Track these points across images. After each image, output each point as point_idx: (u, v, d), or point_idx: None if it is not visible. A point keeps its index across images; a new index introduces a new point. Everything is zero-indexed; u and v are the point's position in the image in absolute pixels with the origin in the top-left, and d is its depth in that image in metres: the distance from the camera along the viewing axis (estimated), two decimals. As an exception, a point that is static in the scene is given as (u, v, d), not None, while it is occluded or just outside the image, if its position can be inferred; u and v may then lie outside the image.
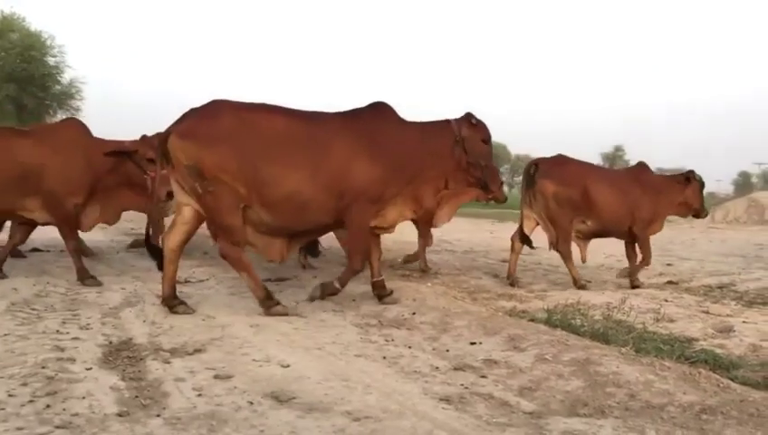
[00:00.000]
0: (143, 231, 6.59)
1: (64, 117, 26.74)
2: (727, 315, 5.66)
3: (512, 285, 6.92)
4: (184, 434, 2.56)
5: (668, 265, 9.39)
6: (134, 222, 12.27)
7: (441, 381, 3.44)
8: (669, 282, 7.71)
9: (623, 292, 6.72)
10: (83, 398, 2.95)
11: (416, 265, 7.80)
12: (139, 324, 4.48)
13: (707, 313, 5.81)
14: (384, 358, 3.86)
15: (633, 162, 8.25)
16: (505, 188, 8.25)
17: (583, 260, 7.35)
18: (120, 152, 6.33)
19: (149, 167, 6.29)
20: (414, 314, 4.90)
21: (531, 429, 2.72)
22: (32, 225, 6.45)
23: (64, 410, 2.79)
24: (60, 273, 6.57)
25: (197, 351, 3.80)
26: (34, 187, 5.96)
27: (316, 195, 4.89)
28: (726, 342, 4.72)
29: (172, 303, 4.90)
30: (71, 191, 6.10)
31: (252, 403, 2.93)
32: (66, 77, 29.73)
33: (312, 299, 5.33)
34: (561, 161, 7.24)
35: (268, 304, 4.91)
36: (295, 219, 4.96)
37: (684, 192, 7.64)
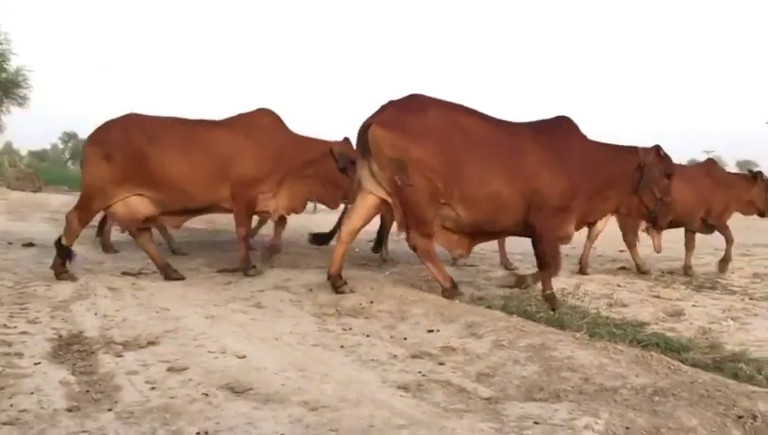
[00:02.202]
0: (92, 223, 6.47)
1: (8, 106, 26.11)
2: (677, 299, 5.81)
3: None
4: (136, 428, 2.50)
5: (621, 251, 9.56)
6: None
7: (399, 369, 3.44)
8: (622, 268, 7.87)
9: (578, 278, 6.84)
10: (31, 393, 2.86)
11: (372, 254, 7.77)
12: (91, 318, 4.36)
13: (658, 297, 5.96)
14: (342, 347, 3.85)
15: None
16: None
17: (657, 250, 7.61)
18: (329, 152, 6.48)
19: (352, 169, 6.21)
20: (372, 302, 4.88)
21: (488, 414, 2.74)
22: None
23: (11, 406, 2.70)
24: (7, 266, 6.37)
25: (151, 343, 3.73)
26: (226, 176, 6.03)
27: (512, 197, 5.00)
28: (677, 325, 4.85)
29: (338, 283, 5.15)
30: (258, 180, 6.17)
31: (207, 395, 2.88)
32: (12, 65, 28.77)
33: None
34: None
35: (454, 292, 5.08)
36: (490, 218, 5.10)
37: (751, 191, 7.91)
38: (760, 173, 7.98)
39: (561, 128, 5.31)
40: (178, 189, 5.91)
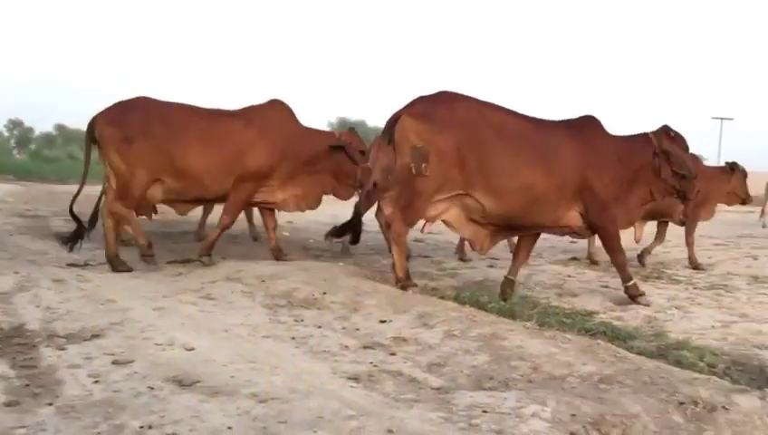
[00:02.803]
0: (38, 213, 6.28)
1: None
2: (626, 289, 5.91)
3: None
4: (77, 423, 2.43)
5: (573, 242, 9.72)
6: (29, 203, 11.67)
7: (350, 360, 3.42)
8: (573, 258, 8.00)
9: (529, 269, 6.92)
10: (-32, 388, 2.76)
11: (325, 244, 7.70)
12: (33, 310, 4.23)
13: (607, 287, 6.07)
14: (293, 338, 3.82)
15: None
16: None
17: (637, 240, 7.76)
18: (337, 145, 6.52)
19: (361, 159, 6.43)
20: (325, 293, 4.85)
21: (437, 404, 2.74)
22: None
23: (-54, 402, 2.60)
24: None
25: (95, 336, 3.63)
26: (239, 167, 6.10)
27: (549, 191, 5.11)
28: (624, 314, 4.96)
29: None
30: (266, 172, 6.23)
31: (152, 388, 2.81)
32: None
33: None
34: None
35: (407, 283, 5.18)
36: (521, 211, 5.15)
37: (730, 182, 8.13)
38: (736, 164, 8.22)
39: (589, 125, 5.49)
40: (196, 178, 6.01)
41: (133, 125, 5.86)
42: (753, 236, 12.37)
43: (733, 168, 8.18)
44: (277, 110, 6.50)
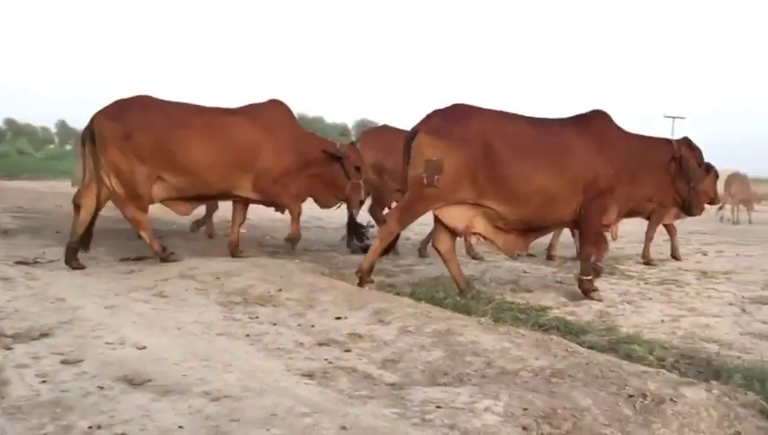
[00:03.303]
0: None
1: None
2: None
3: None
4: (23, 424, 2.37)
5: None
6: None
7: (305, 357, 3.41)
8: (530, 255, 8.09)
9: (486, 265, 6.99)
10: None
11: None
12: (-22, 309, 4.11)
13: (561, 283, 6.16)
14: (247, 336, 3.78)
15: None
16: None
17: (614, 238, 7.80)
18: (334, 154, 6.56)
19: (355, 175, 6.60)
20: (280, 290, 4.83)
21: (391, 400, 2.75)
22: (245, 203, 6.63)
23: None
24: None
25: (44, 335, 3.54)
26: (249, 165, 6.16)
27: (562, 191, 5.25)
28: (577, 309, 5.03)
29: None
30: (281, 171, 6.32)
31: (102, 388, 2.76)
32: None
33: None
34: None
35: (365, 279, 5.29)
36: (539, 213, 5.31)
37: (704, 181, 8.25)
38: (711, 165, 8.44)
39: (598, 118, 5.58)
40: (198, 176, 6.01)
41: (134, 121, 5.83)
42: (703, 232, 12.72)
43: (708, 169, 8.42)
44: (279, 109, 6.55)
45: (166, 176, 5.96)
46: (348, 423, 2.43)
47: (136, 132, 5.78)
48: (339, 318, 4.17)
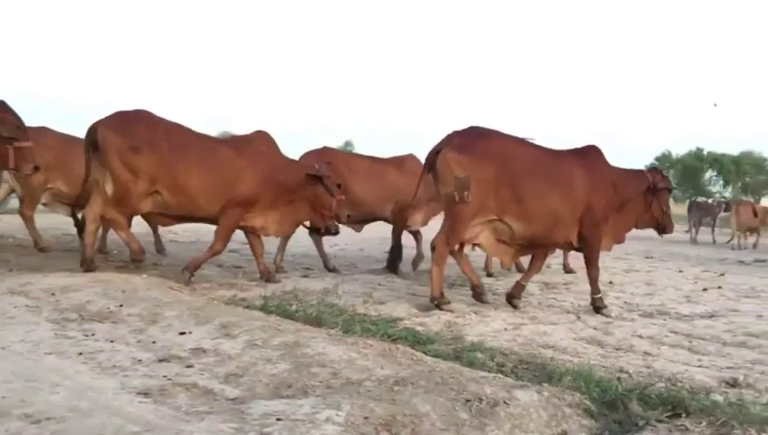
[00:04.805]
0: None
1: None
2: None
3: None
4: None
5: (386, 252, 10.01)
6: None
7: (142, 374, 3.23)
8: (385, 268, 8.21)
9: (341, 278, 7.01)
10: None
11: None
12: None
13: (414, 295, 6.29)
14: (80, 354, 3.53)
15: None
16: None
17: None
18: (315, 176, 6.65)
19: (337, 191, 6.77)
20: (121, 305, 4.57)
21: (231, 414, 2.66)
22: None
23: None
24: None
25: None
26: (228, 194, 6.27)
27: (567, 213, 5.75)
28: (427, 320, 5.15)
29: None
30: (251, 200, 6.40)
31: None
32: None
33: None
34: None
35: (441, 301, 5.58)
36: (545, 233, 5.78)
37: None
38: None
39: (593, 152, 6.09)
40: (192, 197, 6.17)
41: (141, 135, 5.98)
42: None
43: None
44: (263, 140, 6.70)
45: (163, 192, 6.11)
46: (180, 440, 2.32)
47: (144, 147, 5.95)
48: (183, 333, 4.00)
